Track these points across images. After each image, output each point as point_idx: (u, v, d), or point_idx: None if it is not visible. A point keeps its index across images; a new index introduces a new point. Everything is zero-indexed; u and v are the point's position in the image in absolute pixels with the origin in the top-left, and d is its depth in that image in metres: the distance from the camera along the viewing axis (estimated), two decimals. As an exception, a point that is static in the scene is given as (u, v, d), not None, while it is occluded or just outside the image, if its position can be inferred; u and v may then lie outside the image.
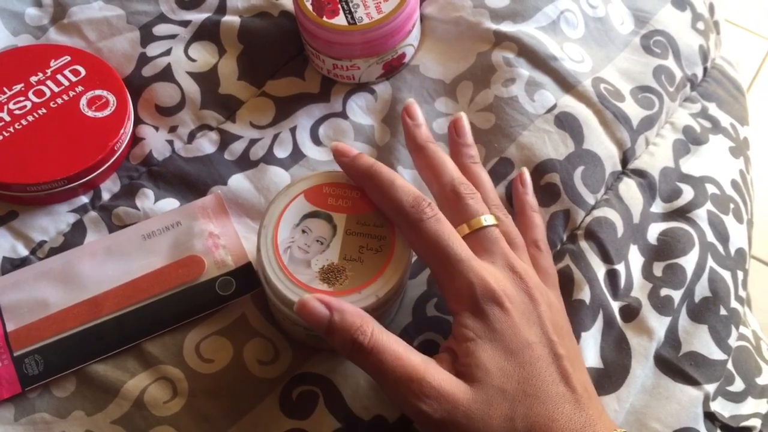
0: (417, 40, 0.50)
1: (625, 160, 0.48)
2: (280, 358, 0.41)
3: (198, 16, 0.50)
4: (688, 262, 0.46)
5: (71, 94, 0.46)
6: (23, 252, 0.44)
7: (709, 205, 0.48)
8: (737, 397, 0.45)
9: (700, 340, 0.44)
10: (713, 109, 0.54)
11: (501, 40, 0.49)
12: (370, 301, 0.37)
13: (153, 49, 0.49)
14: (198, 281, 0.43)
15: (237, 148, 0.47)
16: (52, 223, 0.45)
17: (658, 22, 0.54)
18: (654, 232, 0.47)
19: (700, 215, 0.48)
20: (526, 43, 0.49)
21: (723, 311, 0.46)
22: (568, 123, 0.47)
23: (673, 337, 0.44)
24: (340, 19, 0.45)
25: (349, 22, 0.45)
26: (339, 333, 0.35)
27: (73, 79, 0.47)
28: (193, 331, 0.42)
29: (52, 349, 0.41)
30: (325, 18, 0.45)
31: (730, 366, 0.45)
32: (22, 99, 0.46)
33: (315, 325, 0.35)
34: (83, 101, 0.46)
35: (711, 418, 0.43)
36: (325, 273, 0.37)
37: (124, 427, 0.40)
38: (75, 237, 0.44)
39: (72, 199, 0.45)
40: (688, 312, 0.45)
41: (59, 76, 0.47)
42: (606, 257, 0.45)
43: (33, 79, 0.46)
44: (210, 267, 0.43)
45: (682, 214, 0.48)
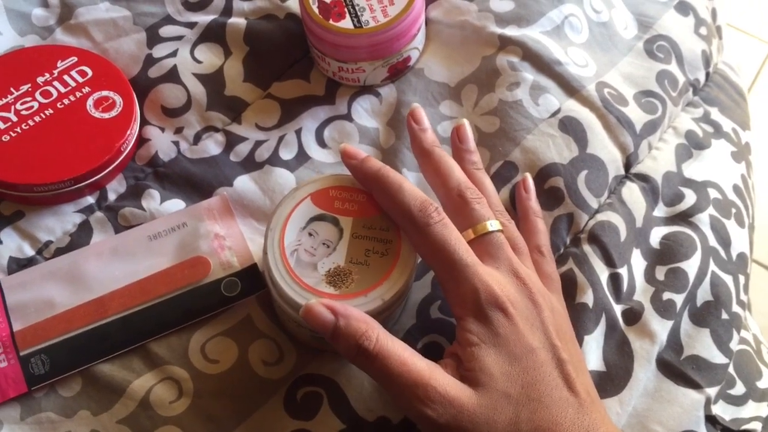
0: (422, 44, 0.50)
1: (628, 165, 0.49)
2: (284, 359, 0.42)
3: (204, 18, 0.50)
4: (691, 266, 0.46)
5: (78, 94, 0.46)
6: (30, 252, 0.44)
7: (711, 210, 0.48)
8: (738, 401, 0.45)
9: (702, 344, 0.45)
10: (715, 113, 0.55)
11: (506, 44, 0.49)
12: (376, 304, 0.37)
13: (159, 51, 0.49)
14: (203, 282, 0.43)
15: (242, 150, 0.47)
16: (58, 223, 0.45)
17: (662, 27, 0.54)
18: (656, 236, 0.47)
19: (703, 219, 0.48)
20: (531, 48, 0.49)
21: (725, 315, 0.46)
22: (572, 127, 0.47)
23: (675, 340, 0.45)
24: (347, 23, 0.46)
25: (355, 26, 0.46)
26: (344, 338, 0.35)
27: (79, 79, 0.47)
28: (199, 332, 0.42)
29: (59, 349, 0.41)
30: (331, 21, 0.46)
31: (731, 369, 0.46)
32: (29, 99, 0.46)
33: (320, 330, 0.35)
34: (90, 102, 0.46)
35: (712, 421, 0.44)
36: (332, 276, 0.37)
37: (129, 427, 0.40)
38: (81, 237, 0.44)
39: (78, 199, 0.45)
40: (690, 316, 0.45)
41: (66, 77, 0.47)
42: (609, 261, 0.45)
43: (40, 79, 0.47)
44: (215, 268, 0.43)
45: (684, 218, 0.48)
